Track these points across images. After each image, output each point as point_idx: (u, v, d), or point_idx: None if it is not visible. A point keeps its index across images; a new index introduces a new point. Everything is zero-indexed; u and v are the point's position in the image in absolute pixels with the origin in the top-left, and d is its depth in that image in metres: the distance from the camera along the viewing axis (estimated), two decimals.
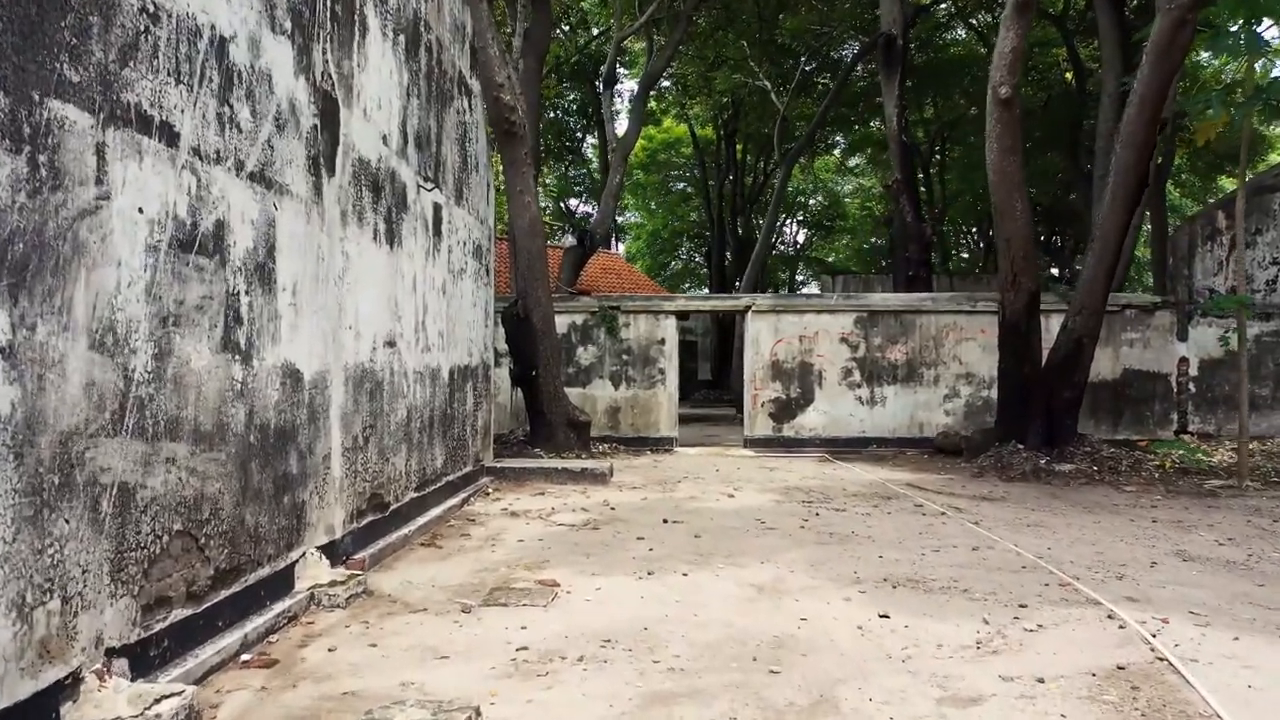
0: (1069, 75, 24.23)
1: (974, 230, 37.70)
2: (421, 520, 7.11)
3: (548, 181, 35.90)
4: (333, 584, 4.96)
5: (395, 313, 6.61)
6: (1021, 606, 4.88)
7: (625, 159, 16.40)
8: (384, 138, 6.34)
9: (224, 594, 4.08)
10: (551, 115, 34.73)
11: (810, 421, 13.60)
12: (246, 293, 4.29)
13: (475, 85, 9.31)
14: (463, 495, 8.51)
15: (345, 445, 5.62)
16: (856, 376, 13.57)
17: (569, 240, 15.84)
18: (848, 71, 20.45)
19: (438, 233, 7.82)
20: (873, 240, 42.87)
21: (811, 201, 43.65)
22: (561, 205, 38.30)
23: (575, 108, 33.97)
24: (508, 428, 13.60)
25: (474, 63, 9.32)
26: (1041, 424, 10.65)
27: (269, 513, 4.55)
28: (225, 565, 4.09)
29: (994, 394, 13.27)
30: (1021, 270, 10.41)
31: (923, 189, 26.93)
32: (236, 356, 4.20)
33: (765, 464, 12.07)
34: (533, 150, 14.05)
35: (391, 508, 6.54)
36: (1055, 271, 30.91)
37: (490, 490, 9.27)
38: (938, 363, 13.50)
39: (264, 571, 4.49)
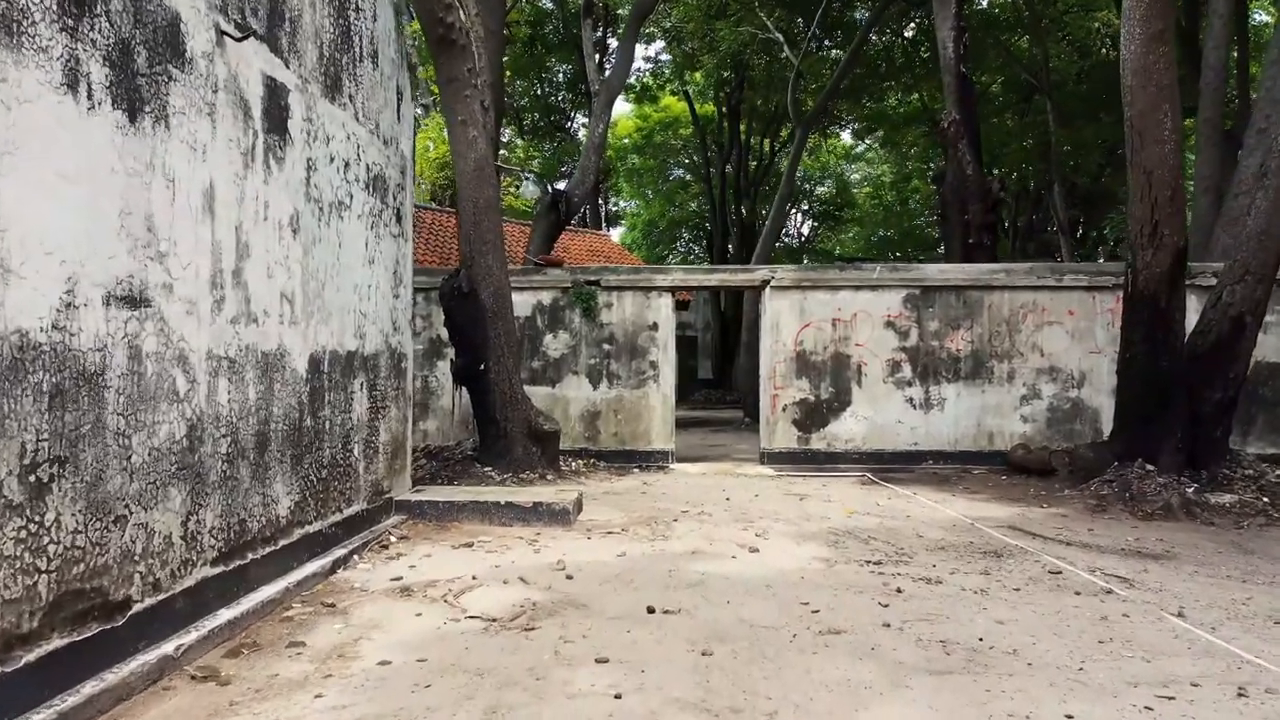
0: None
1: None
2: (227, 615, 4.06)
3: (533, 164, 32.78)
4: None
5: (145, 243, 3.55)
6: None
7: (610, 105, 13.37)
8: None
9: None
10: (537, 91, 31.68)
11: (847, 430, 10.53)
12: None
13: None
14: (340, 553, 5.46)
15: None
16: (906, 372, 10.50)
17: (529, 189, 12.77)
18: (880, 11, 17.37)
19: (279, 131, 4.76)
20: (881, 232, 39.87)
21: (819, 190, 40.81)
22: (548, 188, 35.17)
23: (563, 80, 30.86)
24: (454, 438, 10.55)
25: None
26: (1183, 436, 7.59)
27: None
28: None
29: (1084, 394, 10.24)
30: (1165, 217, 7.29)
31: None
32: None
33: (792, 488, 9.02)
34: (494, 87, 11.00)
35: (132, 610, 3.48)
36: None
37: (393, 539, 6.20)
38: (1012, 354, 10.42)
39: None
